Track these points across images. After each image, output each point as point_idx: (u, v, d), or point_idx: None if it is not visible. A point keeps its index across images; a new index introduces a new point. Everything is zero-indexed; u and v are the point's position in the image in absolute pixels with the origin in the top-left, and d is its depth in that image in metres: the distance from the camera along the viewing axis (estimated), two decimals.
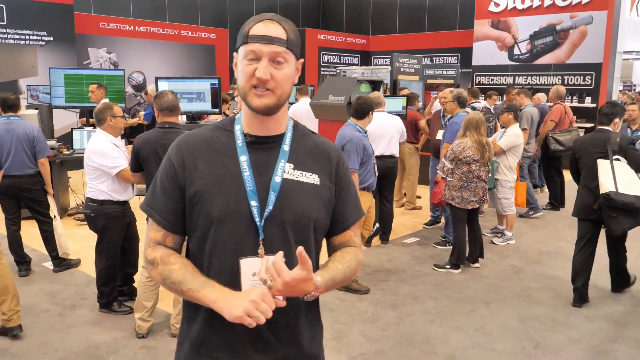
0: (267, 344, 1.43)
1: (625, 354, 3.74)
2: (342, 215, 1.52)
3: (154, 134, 3.82)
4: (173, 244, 1.46)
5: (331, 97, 6.62)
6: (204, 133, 1.47)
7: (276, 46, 1.34)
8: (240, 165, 1.39)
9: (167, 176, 1.44)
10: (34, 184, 5.01)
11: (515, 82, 12.66)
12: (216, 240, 1.39)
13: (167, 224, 1.44)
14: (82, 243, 6.00)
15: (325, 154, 1.50)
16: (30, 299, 4.53)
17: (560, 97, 8.17)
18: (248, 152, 1.41)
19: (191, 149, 1.42)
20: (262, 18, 1.38)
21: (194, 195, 1.39)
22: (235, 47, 1.42)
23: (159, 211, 1.43)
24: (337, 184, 1.50)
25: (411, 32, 16.44)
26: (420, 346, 3.81)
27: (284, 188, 1.39)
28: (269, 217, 1.37)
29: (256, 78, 1.34)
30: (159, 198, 1.44)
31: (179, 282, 1.36)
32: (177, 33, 13.41)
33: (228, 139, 1.44)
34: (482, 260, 5.52)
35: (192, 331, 1.46)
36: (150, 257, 1.43)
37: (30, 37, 10.29)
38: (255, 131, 1.43)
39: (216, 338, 1.42)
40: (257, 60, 1.34)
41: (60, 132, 9.79)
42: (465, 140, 5.21)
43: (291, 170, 1.42)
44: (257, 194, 1.37)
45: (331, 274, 1.42)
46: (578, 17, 11.72)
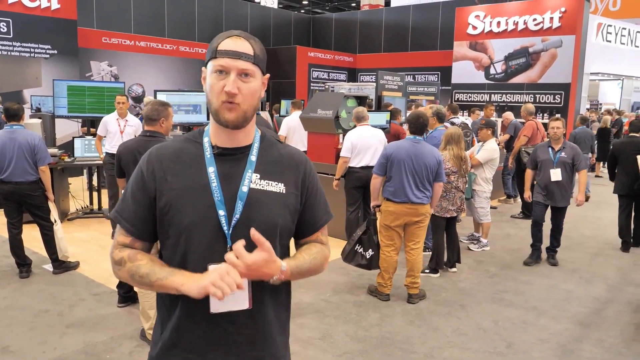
0: (237, 345, 1.41)
1: (590, 353, 3.78)
2: (311, 219, 1.53)
3: (134, 141, 3.81)
4: (141, 249, 1.44)
5: (320, 111, 6.65)
6: (175, 145, 1.45)
7: (243, 61, 1.34)
8: (209, 177, 1.38)
9: (137, 186, 1.41)
10: (35, 190, 4.96)
11: (491, 99, 12.81)
12: (187, 248, 1.37)
13: (135, 231, 1.41)
14: (82, 246, 5.94)
15: (292, 163, 1.49)
16: (31, 299, 4.48)
17: (531, 114, 8.27)
18: (216, 163, 1.40)
19: (161, 160, 1.41)
20: (230, 34, 1.37)
21: (164, 206, 1.37)
22: (205, 62, 1.40)
23: (128, 219, 1.41)
24: (304, 192, 1.49)
25: (395, 51, 16.58)
26: (401, 345, 3.82)
27: (251, 197, 1.38)
28: (237, 225, 1.36)
29: (225, 93, 1.33)
30: (129, 206, 1.42)
31: (147, 275, 1.35)
32: (175, 48, 13.41)
33: (197, 150, 1.42)
34: (459, 265, 5.55)
35: (165, 333, 1.44)
36: (117, 257, 1.40)
37: (35, 50, 10.22)
38: (224, 143, 1.42)
39: (188, 340, 1.41)
40: (225, 75, 1.34)
41: (62, 140, 9.71)
42: (444, 153, 5.25)
43: (257, 180, 1.41)
44: (224, 203, 1.36)
45: (297, 262, 1.43)
46: (549, 41, 11.91)
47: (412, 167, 4.45)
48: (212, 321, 1.38)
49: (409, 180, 4.45)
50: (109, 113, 7.68)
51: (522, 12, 12.32)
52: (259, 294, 1.41)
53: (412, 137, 4.60)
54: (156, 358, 1.46)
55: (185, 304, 1.37)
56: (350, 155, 5.80)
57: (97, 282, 4.87)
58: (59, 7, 10.39)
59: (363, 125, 5.89)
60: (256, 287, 1.39)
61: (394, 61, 16.14)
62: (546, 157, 5.66)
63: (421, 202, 4.48)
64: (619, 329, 4.21)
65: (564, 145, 5.64)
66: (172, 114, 3.92)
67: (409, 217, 4.50)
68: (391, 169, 4.50)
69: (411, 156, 4.46)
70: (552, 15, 11.84)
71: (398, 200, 4.48)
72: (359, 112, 5.94)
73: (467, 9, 13.32)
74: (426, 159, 4.48)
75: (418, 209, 4.49)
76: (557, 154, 5.62)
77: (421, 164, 4.46)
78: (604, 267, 5.79)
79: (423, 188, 4.49)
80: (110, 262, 1.44)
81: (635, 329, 4.21)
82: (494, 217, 6.74)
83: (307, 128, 6.95)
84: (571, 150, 5.61)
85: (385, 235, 4.64)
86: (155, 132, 3.80)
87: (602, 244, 6.80)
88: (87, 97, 7.57)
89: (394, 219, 4.53)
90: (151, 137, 3.76)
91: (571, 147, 5.65)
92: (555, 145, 5.68)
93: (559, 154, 5.61)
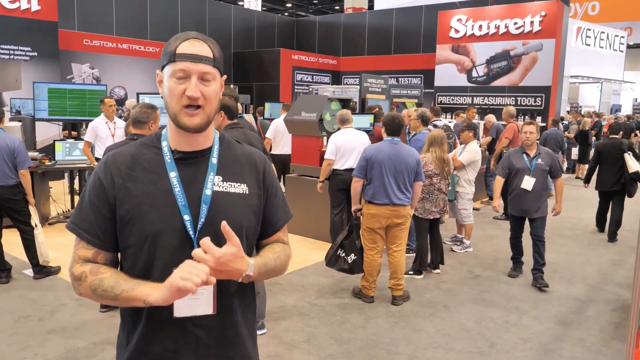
0: (208, 348, 1.38)
1: (571, 352, 3.84)
2: (272, 219, 1.51)
3: (121, 144, 3.77)
4: (104, 261, 1.36)
5: (304, 114, 6.66)
6: (131, 150, 1.40)
7: (204, 65, 1.31)
8: (171, 182, 1.34)
9: (96, 194, 1.35)
10: (15, 194, 4.89)
11: (473, 102, 12.95)
12: (151, 256, 1.33)
13: (97, 242, 1.35)
14: (63, 251, 5.86)
15: (252, 162, 1.48)
16: (11, 305, 4.40)
17: (512, 117, 8.39)
18: (177, 168, 1.36)
19: (119, 166, 1.36)
20: (188, 37, 1.34)
21: (125, 214, 1.32)
22: (162, 65, 1.36)
23: (88, 230, 1.34)
24: (265, 191, 1.48)
25: (379, 54, 16.68)
26: (385, 347, 3.84)
27: (215, 200, 1.36)
28: (202, 229, 1.34)
29: (187, 97, 1.30)
30: (88, 216, 1.35)
31: (111, 287, 1.27)
32: (158, 51, 13.32)
33: (156, 155, 1.38)
34: (442, 266, 5.60)
35: (131, 343, 1.38)
36: (78, 272, 1.32)
37: (15, 52, 10.07)
38: (184, 147, 1.38)
39: (157, 347, 1.36)
40: (185, 79, 1.31)
41: (43, 143, 9.57)
42: (427, 155, 5.30)
43: (220, 183, 1.39)
44: (189, 208, 1.33)
45: (263, 260, 1.41)
46: (529, 44, 12.09)
47: (394, 169, 4.48)
48: (180, 326, 1.34)
49: (390, 182, 4.48)
50: (90, 116, 7.62)
51: (504, 15, 12.50)
52: (226, 297, 1.38)
53: (390, 139, 4.63)
54: None
55: (151, 311, 1.33)
56: (335, 158, 5.82)
57: None
58: (40, 9, 10.26)
59: (347, 127, 5.91)
60: (223, 290, 1.36)
61: (378, 64, 16.24)
62: (522, 165, 5.22)
63: (402, 203, 4.52)
64: (598, 328, 4.28)
65: (539, 151, 5.25)
66: (159, 116, 3.89)
67: (391, 219, 4.53)
68: (372, 172, 4.52)
69: (392, 158, 4.49)
70: (532, 19, 12.02)
71: (380, 203, 4.50)
72: (343, 115, 5.96)
73: (450, 13, 13.46)
74: (406, 159, 4.53)
75: (400, 210, 4.52)
76: (533, 160, 5.21)
77: (402, 165, 4.50)
78: (584, 267, 5.89)
79: (405, 189, 4.53)
80: (70, 279, 1.35)
81: (614, 328, 4.29)
82: (477, 219, 6.81)
83: (291, 131, 6.95)
84: (547, 157, 5.23)
85: (367, 238, 4.66)
86: (142, 136, 3.73)
87: (582, 244, 6.91)
88: (68, 100, 7.48)
89: (375, 221, 4.55)
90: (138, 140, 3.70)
91: (547, 153, 5.27)
92: (529, 151, 5.26)
93: (535, 160, 5.20)
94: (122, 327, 1.45)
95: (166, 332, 1.34)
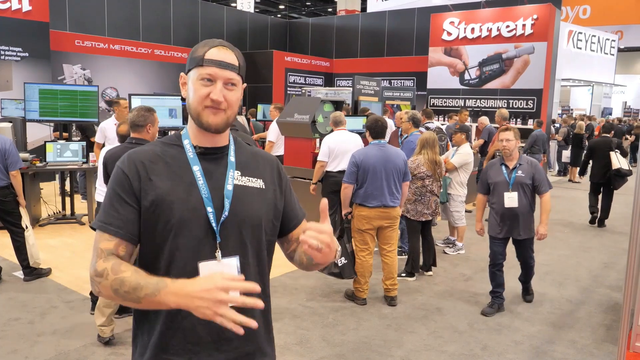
0: (228, 341, 1.41)
1: (562, 354, 3.86)
2: (292, 213, 1.58)
3: (120, 148, 3.74)
4: (125, 252, 1.38)
5: (297, 116, 6.66)
6: (152, 148, 1.45)
7: (230, 72, 1.38)
8: (194, 175, 1.40)
9: (121, 187, 1.38)
10: (5, 196, 4.85)
11: (465, 104, 13.01)
12: (175, 247, 1.36)
13: (120, 232, 1.36)
14: (53, 253, 5.82)
15: (265, 161, 1.55)
16: (0, 307, 4.36)
17: (505, 119, 8.45)
18: (199, 162, 1.42)
19: (143, 160, 1.40)
20: (214, 44, 1.40)
21: (150, 205, 1.36)
22: (188, 68, 1.43)
23: (113, 223, 1.36)
24: (281, 186, 1.55)
25: (371, 56, 16.72)
26: (378, 349, 3.84)
27: (236, 194, 1.42)
28: (225, 222, 1.39)
29: (210, 100, 1.37)
30: (113, 208, 1.37)
31: (133, 290, 1.26)
32: (150, 52, 13.27)
33: (178, 152, 1.44)
34: (434, 268, 5.61)
35: (152, 338, 1.40)
36: (101, 268, 1.31)
37: (6, 52, 9.99)
38: (204, 144, 1.45)
39: (177, 340, 1.39)
40: (211, 83, 1.37)
41: (34, 144, 9.49)
42: (419, 157, 5.32)
43: (240, 177, 1.45)
44: (211, 200, 1.39)
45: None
46: (521, 47, 12.16)
47: (384, 172, 4.51)
48: (203, 320, 1.34)
49: (382, 185, 4.50)
50: (82, 117, 7.57)
51: (496, 19, 12.57)
52: (246, 293, 1.39)
53: (376, 142, 4.65)
54: None
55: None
56: (328, 160, 5.82)
57: (70, 289, 4.78)
58: (31, 9, 10.19)
59: (340, 129, 5.92)
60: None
61: (371, 66, 16.27)
62: (500, 179, 4.50)
63: (394, 205, 4.57)
64: (590, 330, 4.31)
65: (519, 162, 4.47)
66: (158, 119, 3.83)
67: (382, 220, 4.56)
68: (364, 176, 4.53)
69: (382, 161, 4.53)
70: (524, 22, 12.10)
71: (372, 205, 4.52)
72: (337, 117, 5.96)
73: (442, 15, 13.52)
74: (395, 161, 4.59)
75: (390, 212, 4.57)
76: (512, 173, 4.47)
77: (392, 168, 4.55)
78: (576, 269, 5.92)
79: (395, 190, 4.60)
80: (90, 276, 1.34)
81: (606, 330, 4.32)
82: (469, 221, 6.84)
83: (284, 132, 6.95)
84: (530, 168, 4.45)
85: (358, 239, 4.67)
86: (142, 140, 3.69)
87: (574, 246, 6.96)
88: (59, 101, 7.42)
89: (366, 222, 4.56)
90: (137, 144, 3.63)
91: (529, 164, 4.48)
92: (509, 162, 4.51)
93: (514, 173, 4.45)
94: (141, 321, 1.45)
95: (188, 325, 1.37)
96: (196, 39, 15.29)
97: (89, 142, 7.68)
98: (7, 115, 8.31)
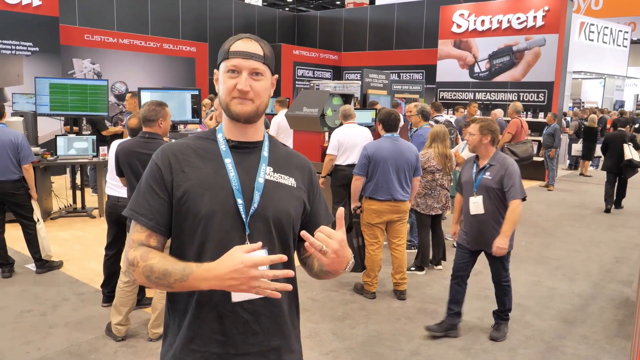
0: (255, 334, 1.43)
1: (574, 349, 3.84)
2: (314, 219, 1.57)
3: (131, 142, 3.73)
4: (157, 243, 1.42)
5: (305, 109, 6.64)
6: (187, 142, 1.48)
7: (254, 61, 1.41)
8: (226, 167, 1.43)
9: (153, 179, 1.42)
10: (18, 189, 4.89)
11: (475, 97, 12.90)
12: (205, 238, 1.40)
13: (152, 224, 1.41)
14: (64, 246, 5.88)
15: (298, 163, 1.57)
16: (13, 299, 4.41)
17: (518, 112, 8.40)
18: (231, 155, 1.45)
19: (176, 153, 1.44)
20: (241, 37, 1.46)
21: (182, 196, 1.39)
22: (217, 64, 1.47)
23: (145, 214, 1.41)
24: (311, 191, 1.57)
25: (380, 49, 16.63)
26: (387, 343, 3.84)
27: (266, 188, 1.44)
28: (254, 214, 1.41)
29: (237, 90, 1.40)
30: (146, 199, 1.42)
31: (163, 275, 1.31)
32: (159, 46, 13.28)
33: (211, 145, 1.47)
34: (444, 262, 5.60)
35: (181, 330, 1.44)
36: (131, 257, 1.37)
37: (17, 47, 10.05)
38: (238, 137, 1.47)
39: (204, 331, 1.42)
40: (237, 74, 1.41)
41: (45, 139, 9.56)
42: (429, 151, 5.29)
43: (271, 173, 1.47)
44: (242, 192, 1.41)
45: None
46: (532, 40, 12.03)
47: (395, 165, 4.49)
48: (230, 310, 1.40)
49: (392, 179, 4.48)
50: (91, 111, 7.61)
51: (506, 10, 12.43)
52: (274, 282, 1.44)
53: (389, 135, 4.62)
54: (175, 355, 1.45)
55: (202, 296, 1.39)
56: (337, 153, 5.80)
57: (81, 282, 4.82)
58: (41, 4, 10.22)
59: (350, 123, 5.90)
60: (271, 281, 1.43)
61: (379, 59, 16.18)
62: (467, 178, 3.92)
63: (403, 199, 4.55)
64: (601, 325, 4.28)
65: (490, 162, 3.78)
66: (169, 113, 3.81)
67: (392, 214, 4.55)
68: (375, 169, 4.52)
69: (394, 154, 4.50)
70: (535, 14, 11.96)
71: (382, 199, 4.50)
72: (346, 110, 5.94)
73: (452, 8, 13.40)
74: (407, 155, 4.55)
75: (400, 206, 4.55)
76: (479, 173, 3.82)
77: (403, 161, 4.52)
78: (586, 264, 5.88)
79: (406, 184, 4.57)
80: (126, 266, 1.41)
81: (618, 325, 4.28)
82: None
83: (292, 126, 6.94)
84: (500, 169, 3.72)
85: (368, 233, 4.66)
86: (154, 134, 3.69)
87: (585, 241, 6.91)
88: (69, 95, 7.46)
89: (376, 216, 4.55)
90: (150, 138, 3.65)
91: (502, 165, 3.74)
92: (480, 160, 3.87)
93: (481, 174, 3.79)
94: (172, 311, 1.48)
95: (217, 317, 1.40)
96: (204, 33, 15.29)
97: (100, 135, 7.73)
98: (19, 110, 8.36)
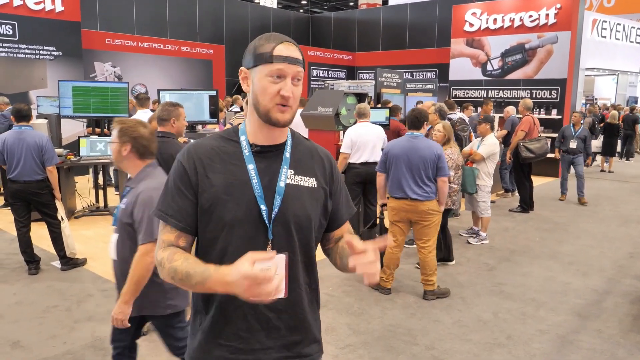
0: (277, 330, 1.45)
1: (589, 344, 3.79)
2: (335, 215, 1.57)
3: None
4: (185, 243, 1.43)
5: (320, 109, 6.64)
6: (211, 142, 1.46)
7: (298, 67, 1.39)
8: (249, 173, 1.41)
9: (181, 180, 1.41)
10: (42, 189, 4.97)
11: (488, 95, 12.77)
12: (227, 243, 1.39)
13: (181, 225, 1.41)
14: (88, 244, 5.95)
15: (319, 158, 1.55)
16: (39, 295, 4.49)
17: (529, 109, 8.27)
18: (254, 160, 1.43)
19: (201, 157, 1.42)
20: (282, 40, 1.39)
21: (206, 202, 1.39)
22: (253, 64, 1.40)
23: (174, 215, 1.41)
24: (331, 186, 1.55)
25: (393, 49, 16.55)
26: (402, 337, 3.83)
27: (287, 192, 1.43)
28: (275, 219, 1.40)
29: (281, 96, 1.36)
30: (174, 200, 1.41)
31: (186, 277, 1.32)
32: (177, 49, 13.38)
33: (234, 148, 1.45)
34: (458, 258, 5.55)
35: (205, 323, 1.45)
36: (159, 258, 1.39)
37: (40, 52, 10.21)
38: (262, 141, 1.45)
39: (229, 327, 1.43)
40: (281, 79, 1.37)
41: (68, 140, 9.70)
42: (452, 148, 5.27)
43: (292, 176, 1.45)
44: (264, 198, 1.40)
45: None
46: (544, 37, 11.87)
47: (408, 162, 4.40)
48: (252, 307, 1.40)
49: (405, 176, 4.42)
50: (113, 113, 7.69)
51: (518, 9, 12.28)
52: (295, 284, 1.45)
53: (409, 133, 4.59)
54: (198, 349, 1.46)
55: (227, 294, 1.35)
56: (350, 152, 5.80)
57: (105, 278, 4.88)
58: (63, 10, 10.37)
59: (363, 121, 5.89)
60: (292, 278, 1.44)
61: (392, 59, 16.11)
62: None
63: (419, 198, 4.37)
64: (616, 320, 4.21)
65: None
66: (183, 114, 3.86)
67: (409, 213, 4.45)
68: (390, 166, 4.51)
69: (406, 152, 4.44)
70: (547, 11, 11.79)
71: (398, 196, 4.48)
72: (362, 109, 5.94)
73: (464, 7, 13.27)
74: (423, 153, 4.39)
75: (417, 205, 4.40)
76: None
77: (417, 159, 4.38)
78: (600, 260, 5.79)
79: (422, 184, 4.39)
80: (156, 266, 1.42)
81: (632, 320, 4.21)
82: (492, 211, 6.75)
83: (307, 125, 6.95)
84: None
85: (389, 231, 4.64)
86: (167, 133, 3.76)
87: (598, 237, 6.80)
88: (91, 98, 7.55)
89: (394, 214, 4.53)
90: (163, 137, 3.66)
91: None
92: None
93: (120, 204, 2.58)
94: (195, 309, 1.50)
95: (240, 313, 1.40)
96: (221, 35, 15.36)
97: None
98: (43, 112, 8.50)
